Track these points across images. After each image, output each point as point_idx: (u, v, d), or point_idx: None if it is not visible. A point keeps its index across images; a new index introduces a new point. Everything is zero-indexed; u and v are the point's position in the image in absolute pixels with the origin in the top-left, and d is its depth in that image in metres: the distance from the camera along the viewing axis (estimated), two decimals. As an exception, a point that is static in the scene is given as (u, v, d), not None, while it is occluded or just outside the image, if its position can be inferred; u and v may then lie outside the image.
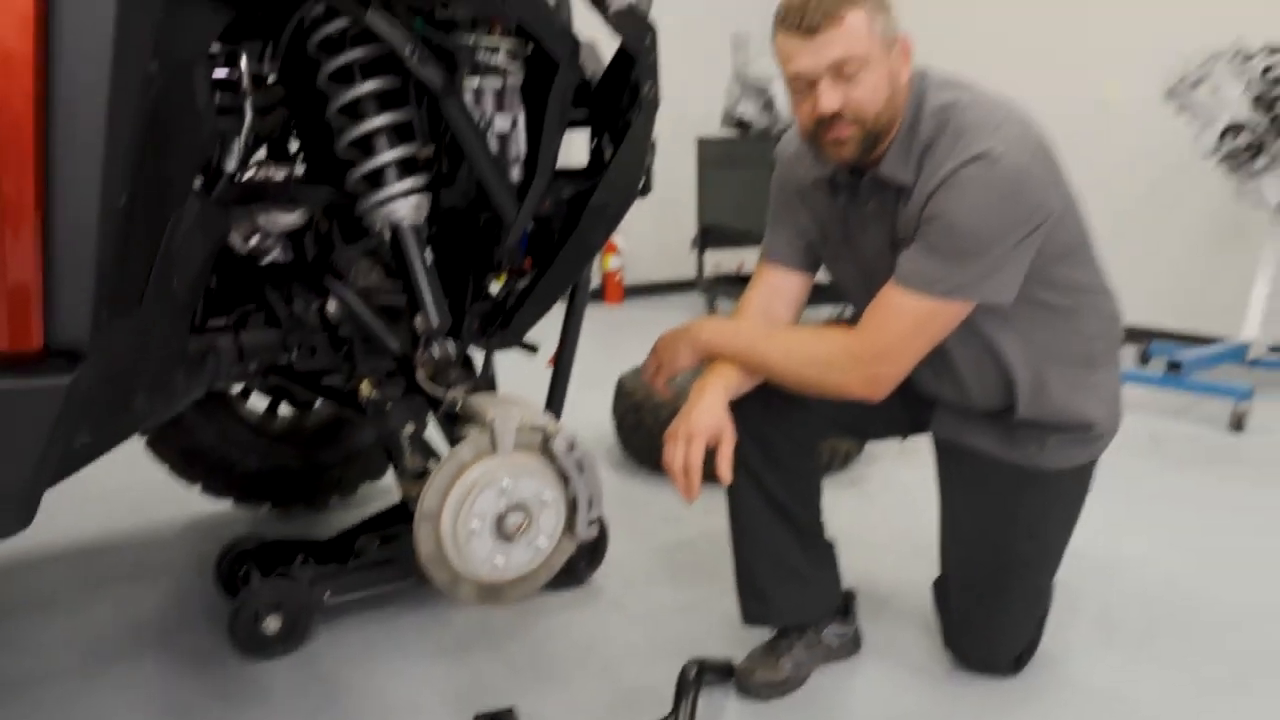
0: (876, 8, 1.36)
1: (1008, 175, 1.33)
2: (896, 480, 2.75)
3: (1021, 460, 1.57)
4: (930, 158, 1.40)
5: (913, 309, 1.39)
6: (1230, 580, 2.09)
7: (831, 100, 1.36)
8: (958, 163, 1.35)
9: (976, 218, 1.34)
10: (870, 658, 1.79)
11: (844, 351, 1.45)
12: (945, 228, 1.35)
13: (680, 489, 1.43)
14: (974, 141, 1.35)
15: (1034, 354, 1.51)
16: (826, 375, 1.46)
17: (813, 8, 1.33)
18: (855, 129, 1.39)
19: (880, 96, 1.38)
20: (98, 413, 1.17)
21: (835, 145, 1.41)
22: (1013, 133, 1.36)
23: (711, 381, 1.50)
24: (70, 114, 0.93)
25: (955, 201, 1.35)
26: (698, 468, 1.41)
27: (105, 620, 1.95)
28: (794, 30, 1.35)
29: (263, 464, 2.37)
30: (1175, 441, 3.16)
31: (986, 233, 1.34)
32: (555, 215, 1.73)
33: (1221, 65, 3.52)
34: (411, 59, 1.41)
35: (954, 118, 1.39)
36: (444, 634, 1.88)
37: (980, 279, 1.37)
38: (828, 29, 1.33)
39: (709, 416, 1.45)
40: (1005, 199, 1.34)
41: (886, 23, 1.37)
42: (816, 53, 1.34)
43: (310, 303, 1.67)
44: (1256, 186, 3.56)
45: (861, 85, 1.36)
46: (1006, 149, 1.34)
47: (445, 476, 1.33)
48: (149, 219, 1.16)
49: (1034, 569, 1.64)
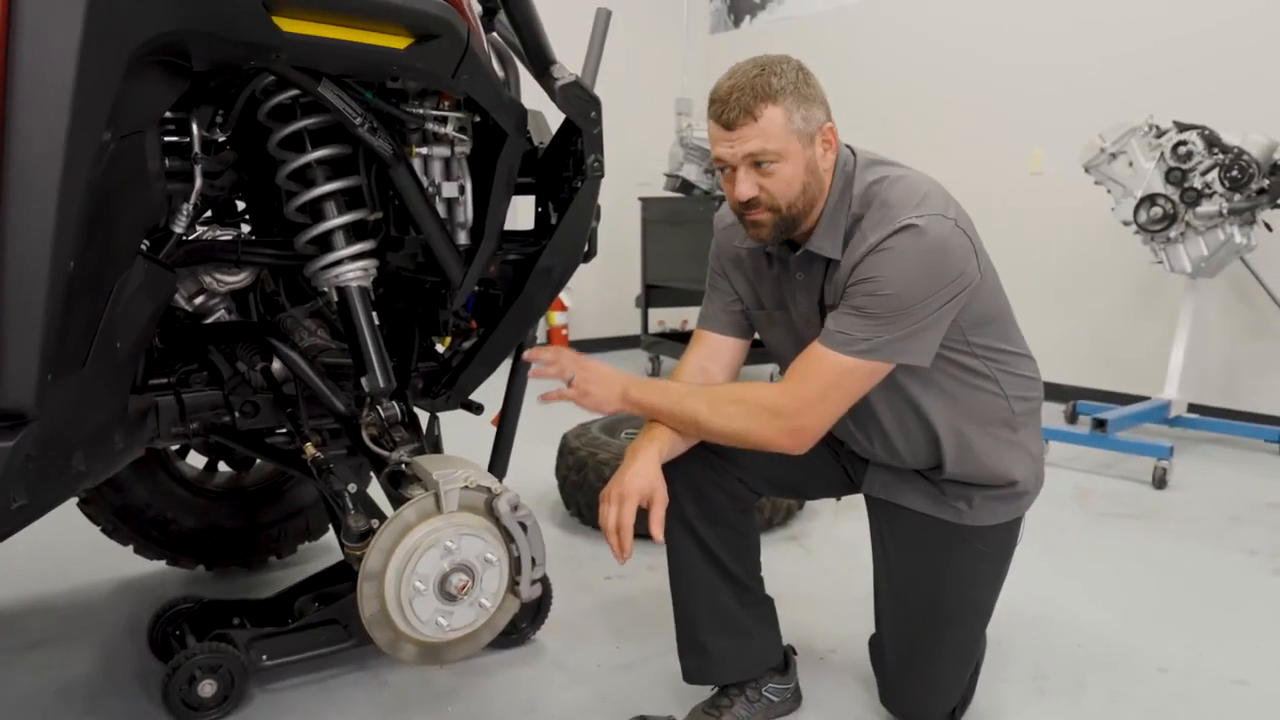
0: (798, 102, 1.43)
1: (932, 245, 1.41)
2: (835, 535, 2.80)
3: (951, 517, 1.63)
4: (858, 230, 1.48)
5: (832, 365, 1.46)
6: (1156, 633, 2.17)
7: (747, 188, 1.45)
8: (885, 233, 1.43)
9: (900, 283, 1.41)
10: (810, 713, 1.81)
11: (765, 406, 1.49)
12: (869, 292, 1.43)
13: (613, 548, 1.46)
14: (900, 213, 1.43)
15: (957, 415, 1.58)
16: (749, 428, 1.50)
17: (733, 102, 1.41)
18: (769, 215, 1.47)
19: (794, 187, 1.46)
20: (35, 475, 1.17)
21: (754, 227, 1.51)
22: (936, 207, 1.44)
23: (644, 444, 1.54)
24: (23, 184, 0.95)
25: (880, 267, 1.42)
26: (629, 527, 1.45)
27: (30, 685, 1.89)
28: (716, 120, 1.44)
29: (199, 523, 2.33)
30: (1101, 497, 3.27)
31: (909, 297, 1.42)
32: (501, 278, 1.77)
33: (1136, 140, 3.74)
34: (361, 129, 1.45)
35: (880, 193, 1.48)
36: (383, 694, 1.86)
37: (898, 340, 1.44)
38: (744, 124, 1.41)
39: (640, 479, 1.48)
40: (929, 267, 1.42)
41: (808, 114, 1.44)
42: (733, 144, 1.43)
43: (254, 362, 1.68)
44: (1172, 254, 3.75)
45: (775, 177, 1.44)
46: (930, 221, 1.42)
47: (390, 537, 1.34)
48: (96, 282, 1.17)
49: (965, 623, 1.68)
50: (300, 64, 1.33)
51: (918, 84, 5.31)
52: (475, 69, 1.42)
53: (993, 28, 4.99)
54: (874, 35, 5.54)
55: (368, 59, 1.33)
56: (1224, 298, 4.25)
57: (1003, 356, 1.60)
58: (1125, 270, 4.53)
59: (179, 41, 1.16)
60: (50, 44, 0.95)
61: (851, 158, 1.53)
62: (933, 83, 5.24)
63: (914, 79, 5.32)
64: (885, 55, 5.45)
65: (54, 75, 0.96)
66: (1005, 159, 4.90)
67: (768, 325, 1.68)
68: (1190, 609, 2.32)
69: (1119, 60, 4.49)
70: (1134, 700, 1.88)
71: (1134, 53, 4.44)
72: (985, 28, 5.02)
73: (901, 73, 5.38)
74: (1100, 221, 4.31)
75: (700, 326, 1.75)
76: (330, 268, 1.56)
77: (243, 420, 1.69)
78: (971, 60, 5.08)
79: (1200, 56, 4.21)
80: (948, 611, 1.65)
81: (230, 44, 1.21)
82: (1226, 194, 3.54)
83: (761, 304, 1.67)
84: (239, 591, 2.31)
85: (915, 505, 1.66)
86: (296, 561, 2.52)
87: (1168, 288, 4.33)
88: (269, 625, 1.86)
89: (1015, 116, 4.90)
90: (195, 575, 2.42)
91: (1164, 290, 4.38)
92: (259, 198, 1.76)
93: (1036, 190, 4.80)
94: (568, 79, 1.60)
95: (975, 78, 5.06)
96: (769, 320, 1.67)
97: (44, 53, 0.95)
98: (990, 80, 5.00)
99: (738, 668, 1.72)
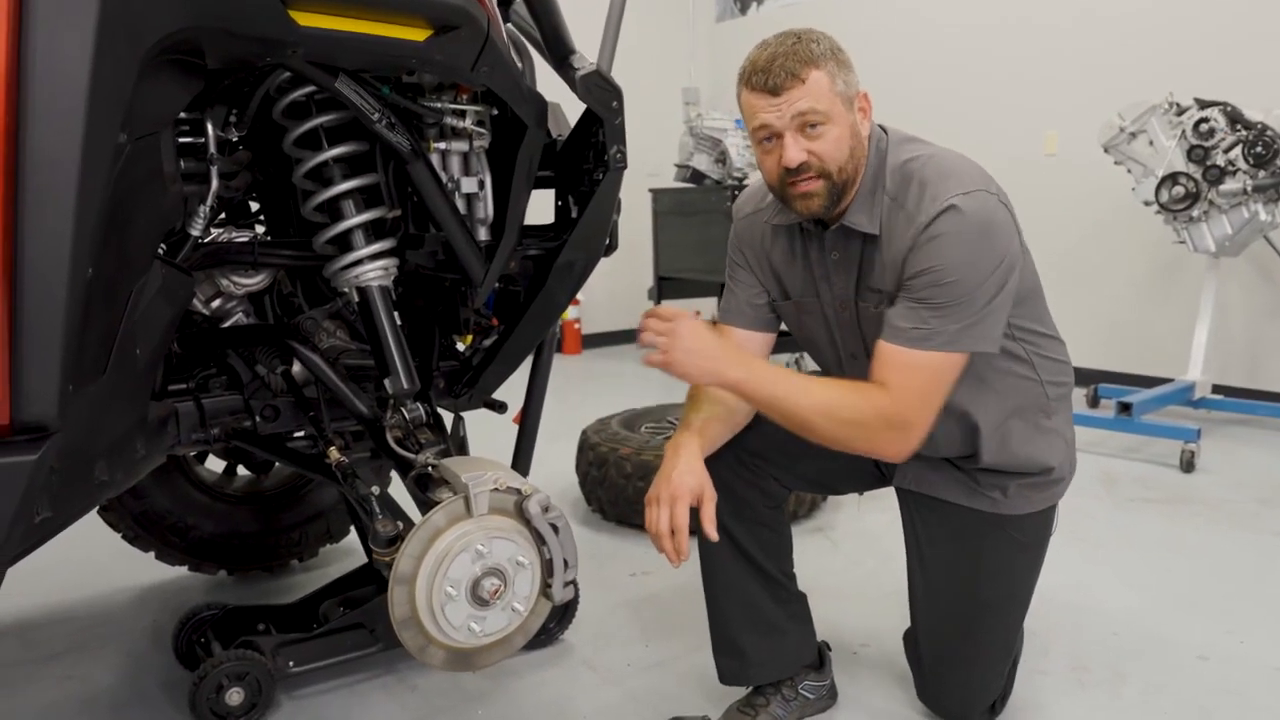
0: (838, 66, 1.41)
1: (980, 224, 1.39)
2: (861, 527, 2.77)
3: (985, 507, 1.60)
4: (899, 210, 1.44)
5: (923, 364, 1.40)
6: (1193, 620, 2.13)
7: (796, 153, 1.40)
8: (929, 216, 1.39)
9: (960, 268, 1.38)
10: (846, 710, 1.78)
11: (877, 414, 1.42)
12: (932, 282, 1.39)
13: (667, 552, 1.42)
14: (940, 191, 1.40)
15: (997, 402, 1.55)
16: (859, 435, 1.43)
17: (777, 68, 1.38)
18: (821, 183, 1.43)
19: (843, 150, 1.42)
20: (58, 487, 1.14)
21: (803, 199, 1.45)
22: (976, 182, 1.42)
23: (686, 440, 1.51)
24: (40, 190, 0.91)
25: (938, 256, 1.39)
26: (684, 529, 1.41)
27: (55, 697, 1.87)
28: (759, 89, 1.40)
29: (219, 528, 2.31)
30: (1128, 482, 3.23)
31: (971, 281, 1.38)
32: (522, 274, 1.74)
33: (1156, 119, 3.68)
34: (379, 125, 1.42)
35: (917, 171, 1.45)
36: (412, 699, 1.84)
37: (972, 327, 1.40)
38: (791, 87, 1.38)
39: (690, 477, 1.45)
40: (982, 247, 1.39)
41: (847, 79, 1.43)
42: (780, 109, 1.39)
43: (274, 365, 1.65)
44: (1194, 233, 3.70)
45: (824, 139, 1.41)
46: (972, 199, 1.39)
47: (420, 541, 1.31)
48: (114, 288, 1.14)
49: (1003, 614, 1.65)
50: (316, 59, 1.30)
51: (928, 67, 5.24)
52: (495, 60, 1.38)
53: (1004, 8, 4.92)
54: (883, 18, 5.48)
55: (386, 52, 1.29)
56: (1247, 276, 4.20)
57: (1036, 339, 1.57)
58: (1145, 251, 4.47)
59: (193, 39, 1.13)
60: (64, 44, 0.92)
61: (883, 135, 1.51)
62: (943, 66, 5.18)
63: (924, 62, 5.26)
64: (895, 38, 5.39)
65: (68, 76, 0.92)
66: (1019, 142, 4.84)
67: (796, 315, 1.64)
68: (1226, 594, 2.28)
69: (1133, 39, 4.42)
70: (1177, 691, 1.84)
71: (1149, 30, 4.37)
72: (996, 9, 4.96)
73: (911, 56, 5.31)
74: (1118, 202, 4.26)
75: (722, 322, 1.70)
76: (350, 268, 1.53)
77: (263, 424, 1.67)
78: (983, 42, 5.02)
79: (1217, 32, 4.14)
80: (985, 604, 1.62)
81: (245, 40, 1.18)
82: (1250, 171, 3.49)
83: (788, 293, 1.63)
84: (261, 596, 2.29)
85: (949, 496, 1.62)
86: (318, 565, 2.50)
87: (1189, 268, 4.27)
88: (294, 631, 1.84)
89: (1028, 98, 4.84)
90: (217, 580, 2.41)
91: (1185, 270, 4.32)
92: (274, 198, 1.73)
93: (1052, 172, 4.75)
94: (588, 68, 1.56)
95: (986, 60, 5.00)
96: (797, 309, 1.63)
97: (57, 53, 0.92)
98: (1002, 62, 4.94)
99: (775, 667, 1.69)
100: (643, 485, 2.65)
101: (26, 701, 1.85)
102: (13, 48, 0.90)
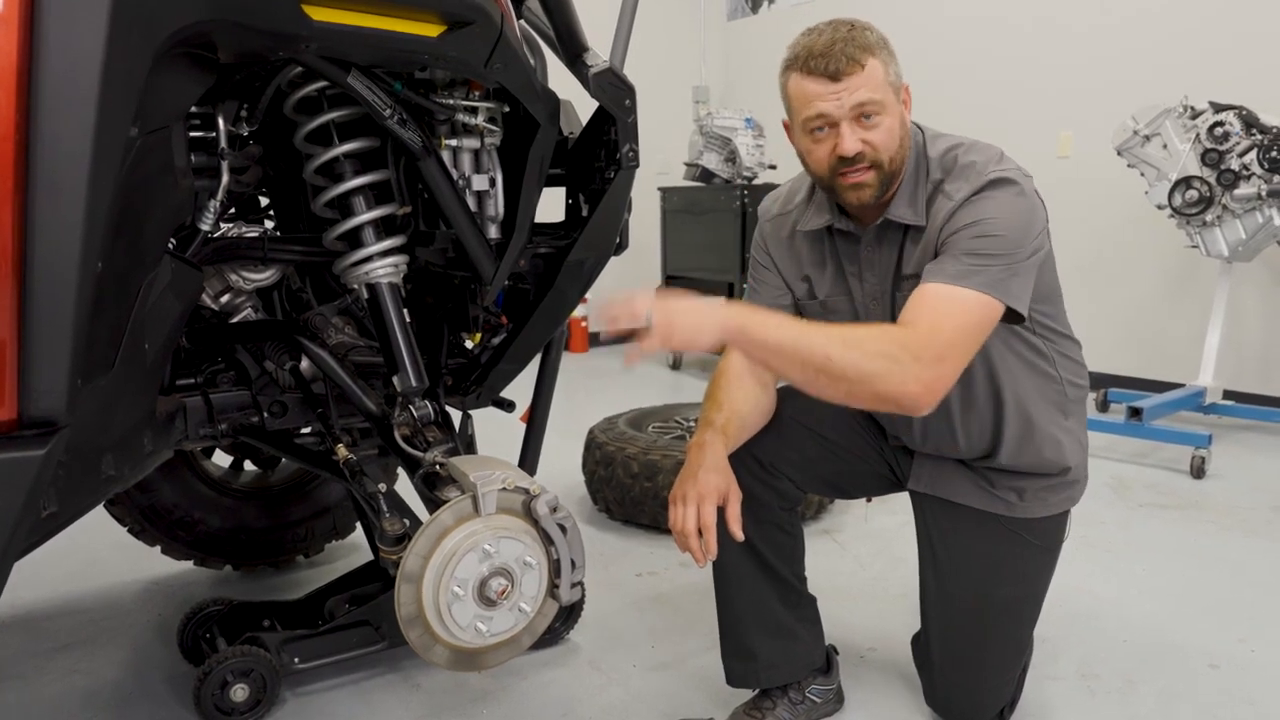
0: (889, 55, 1.42)
1: (1023, 194, 1.40)
2: (869, 529, 2.75)
3: (1001, 510, 1.59)
4: (943, 195, 1.44)
5: (962, 300, 1.34)
6: (1205, 628, 2.12)
7: (852, 143, 1.40)
8: (976, 186, 1.40)
9: (1006, 224, 1.37)
10: (853, 714, 1.77)
11: (904, 347, 1.30)
12: (978, 233, 1.38)
13: (694, 551, 1.41)
14: (985, 171, 1.42)
15: (1022, 393, 1.54)
16: (883, 371, 1.28)
17: (836, 53, 1.37)
18: (873, 173, 1.42)
19: (895, 140, 1.43)
20: (66, 481, 1.14)
21: (855, 189, 1.44)
22: (1015, 168, 1.44)
23: (709, 438, 1.50)
24: (51, 184, 0.91)
25: (985, 210, 1.39)
26: (712, 527, 1.41)
27: (60, 690, 1.87)
28: (817, 74, 1.39)
29: (226, 523, 2.31)
30: (1139, 487, 3.20)
31: (1014, 237, 1.37)
32: (532, 272, 1.73)
33: (1170, 122, 3.65)
34: (390, 121, 1.41)
35: (959, 157, 1.46)
36: (416, 697, 1.83)
37: (1011, 277, 1.37)
38: (852, 73, 1.37)
39: (716, 475, 1.44)
40: (1026, 213, 1.40)
41: (897, 70, 1.43)
42: (840, 96, 1.38)
43: (283, 361, 1.65)
44: (1208, 237, 3.67)
45: (879, 129, 1.41)
46: (1017, 174, 1.42)
47: (427, 540, 1.30)
48: (124, 283, 1.14)
49: (1015, 620, 1.64)
50: (330, 54, 1.29)
51: (941, 68, 5.21)
52: (508, 57, 1.37)
53: (1017, 9, 4.89)
54: (896, 19, 5.44)
55: (399, 48, 1.28)
56: (1260, 281, 4.17)
57: (1056, 338, 1.58)
58: (1157, 255, 4.44)
59: (206, 33, 1.12)
60: (76, 36, 0.91)
61: (919, 130, 1.51)
62: (956, 67, 5.16)
63: (937, 63, 5.23)
64: (907, 39, 5.32)
65: (81, 69, 0.92)
66: (1032, 143, 4.80)
67: (822, 314, 1.62)
68: (1238, 602, 2.26)
69: (1148, 41, 4.39)
70: (1189, 699, 1.82)
71: (1164, 34, 4.34)
72: (1009, 9, 4.93)
73: (924, 57, 5.28)
74: (1131, 205, 4.23)
75: None
76: (360, 264, 1.52)
77: (271, 420, 1.66)
78: (996, 43, 4.99)
79: (1233, 36, 4.11)
80: (998, 608, 1.61)
81: (259, 34, 1.17)
82: (1265, 175, 3.46)
83: (814, 293, 1.62)
84: (267, 592, 2.28)
85: (964, 499, 1.61)
86: (324, 561, 2.49)
87: (1200, 272, 4.24)
88: (300, 627, 1.83)
89: (1042, 100, 4.81)
90: (223, 575, 2.40)
91: (1197, 274, 4.29)
92: (284, 193, 1.72)
93: (1065, 174, 4.71)
94: (601, 66, 1.55)
95: (1000, 61, 4.98)
96: (824, 310, 1.61)
97: (70, 45, 0.91)
98: (1015, 63, 4.91)
99: (784, 670, 1.68)
100: (649, 485, 2.64)
101: (32, 694, 1.85)
102: (25, 39, 0.90)
